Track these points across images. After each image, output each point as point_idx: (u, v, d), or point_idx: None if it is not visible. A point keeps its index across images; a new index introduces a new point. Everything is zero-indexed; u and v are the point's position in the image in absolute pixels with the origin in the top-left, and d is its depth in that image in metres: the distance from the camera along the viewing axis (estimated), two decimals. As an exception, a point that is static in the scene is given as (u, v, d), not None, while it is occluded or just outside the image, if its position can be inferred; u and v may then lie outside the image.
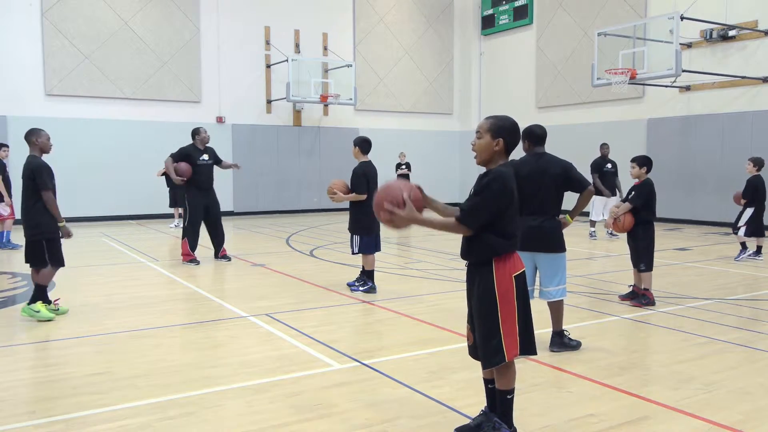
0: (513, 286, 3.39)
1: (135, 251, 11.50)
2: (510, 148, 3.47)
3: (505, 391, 3.49)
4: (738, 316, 6.61)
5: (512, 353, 3.39)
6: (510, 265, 3.40)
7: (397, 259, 10.81)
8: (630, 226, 6.91)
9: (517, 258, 3.46)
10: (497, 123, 3.46)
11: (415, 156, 21.31)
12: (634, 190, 6.95)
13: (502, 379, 3.48)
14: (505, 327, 3.38)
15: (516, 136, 3.49)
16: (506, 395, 3.50)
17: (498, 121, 3.48)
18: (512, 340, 3.39)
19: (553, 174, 5.23)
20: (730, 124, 15.40)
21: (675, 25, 13.51)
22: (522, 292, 3.44)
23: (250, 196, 19.52)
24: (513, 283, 3.39)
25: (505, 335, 3.38)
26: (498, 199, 3.33)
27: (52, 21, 16.64)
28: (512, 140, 3.47)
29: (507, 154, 3.48)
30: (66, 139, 16.77)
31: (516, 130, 3.50)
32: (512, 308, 3.39)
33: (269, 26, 19.63)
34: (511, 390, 3.50)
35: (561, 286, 5.35)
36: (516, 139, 3.50)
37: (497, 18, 21.86)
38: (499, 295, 3.38)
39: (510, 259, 3.41)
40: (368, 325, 6.51)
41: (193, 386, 4.47)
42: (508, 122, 3.49)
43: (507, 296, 3.38)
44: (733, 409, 4.05)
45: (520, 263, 3.46)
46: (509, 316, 3.38)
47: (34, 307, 6.34)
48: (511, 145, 3.47)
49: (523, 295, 3.45)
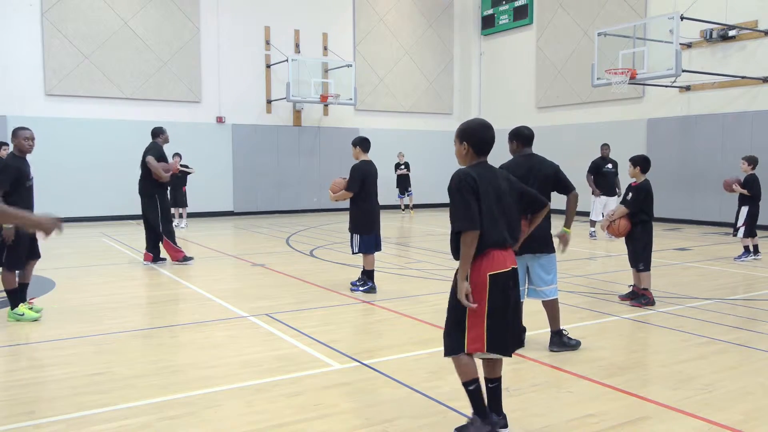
0: (486, 284, 3.39)
1: (135, 251, 11.49)
2: (477, 149, 3.53)
3: (464, 384, 3.52)
4: (738, 316, 6.61)
5: (474, 347, 3.43)
6: (487, 263, 3.41)
7: (397, 259, 10.81)
8: (625, 231, 6.90)
9: (500, 257, 3.43)
10: (461, 128, 3.59)
11: (415, 156, 21.32)
12: (631, 192, 6.94)
13: (457, 372, 3.53)
14: (470, 321, 3.42)
15: (479, 135, 3.53)
16: (466, 387, 3.52)
17: (462, 125, 3.60)
18: (476, 335, 3.41)
19: (545, 174, 5.24)
20: (730, 124, 15.40)
21: (675, 25, 13.52)
22: (499, 291, 3.41)
23: (250, 196, 19.52)
24: (487, 281, 3.39)
25: (469, 329, 3.43)
26: (462, 193, 3.38)
27: (52, 21, 16.64)
28: (477, 140, 3.53)
29: (478, 154, 3.55)
30: (66, 139, 16.81)
31: (478, 130, 3.53)
32: (481, 305, 3.40)
33: (269, 26, 19.63)
34: (470, 381, 3.50)
35: (552, 286, 5.35)
36: (480, 138, 3.53)
37: (497, 18, 21.86)
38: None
39: (488, 258, 3.41)
40: (368, 325, 6.51)
41: (193, 386, 4.47)
42: (471, 124, 3.59)
43: (477, 293, 3.40)
44: (733, 409, 4.05)
45: (504, 263, 3.43)
46: (475, 311, 3.40)
47: (18, 311, 6.34)
48: (477, 145, 3.53)
49: (502, 295, 3.42)
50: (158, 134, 10.32)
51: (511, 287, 3.48)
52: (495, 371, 3.63)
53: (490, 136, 3.56)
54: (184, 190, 15.84)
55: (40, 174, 15.03)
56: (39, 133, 14.44)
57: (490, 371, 3.63)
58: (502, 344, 3.46)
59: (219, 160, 18.88)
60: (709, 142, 15.77)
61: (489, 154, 3.61)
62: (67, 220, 6.84)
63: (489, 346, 3.42)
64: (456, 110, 23.10)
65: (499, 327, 3.42)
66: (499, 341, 3.44)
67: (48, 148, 16.08)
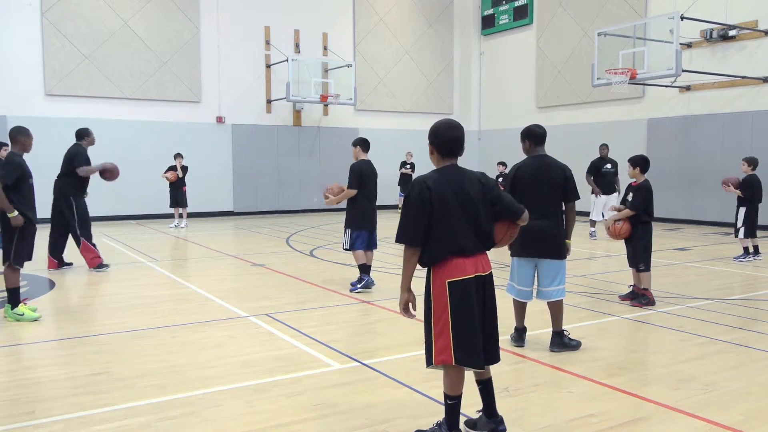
0: (446, 291, 3.32)
1: (135, 251, 11.49)
2: (442, 150, 3.40)
3: (446, 395, 3.42)
4: (738, 316, 6.60)
5: (440, 359, 3.32)
6: (447, 271, 3.33)
7: (397, 259, 10.81)
8: (626, 233, 6.90)
9: (460, 264, 3.32)
10: (430, 128, 3.45)
11: (415, 156, 21.31)
12: (632, 192, 6.94)
13: (444, 381, 3.43)
14: (436, 331, 3.36)
15: (441, 135, 3.40)
16: (447, 399, 3.42)
17: (431, 126, 3.46)
18: (442, 346, 3.32)
19: (555, 178, 5.19)
20: (730, 124, 15.40)
21: (675, 25, 13.51)
22: (461, 298, 3.30)
23: (250, 196, 19.52)
24: (446, 289, 3.32)
25: (436, 339, 3.35)
26: (411, 207, 3.30)
27: (52, 21, 16.64)
28: (439, 141, 3.40)
29: (444, 156, 3.41)
30: (66, 139, 16.66)
31: (441, 130, 3.41)
32: (444, 314, 3.31)
33: (269, 26, 19.63)
34: (452, 396, 3.39)
35: (560, 287, 5.34)
36: (443, 139, 3.40)
37: (497, 18, 21.86)
38: (433, 299, 3.38)
39: (447, 265, 3.33)
40: (368, 325, 6.51)
41: (193, 386, 4.46)
42: (436, 124, 3.46)
43: (440, 301, 3.35)
44: (733, 409, 4.05)
45: (464, 270, 3.32)
46: (440, 321, 3.33)
47: (18, 311, 6.35)
48: (440, 146, 3.40)
49: (465, 302, 3.30)
50: (84, 136, 9.99)
51: (476, 294, 3.34)
52: (482, 373, 3.52)
53: (455, 136, 3.40)
54: (184, 190, 15.83)
55: (40, 174, 15.03)
56: (39, 133, 14.42)
57: (478, 373, 3.53)
58: (473, 355, 3.31)
59: (219, 160, 18.88)
60: (709, 142, 15.77)
61: (458, 156, 3.47)
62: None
63: (457, 358, 3.28)
64: (456, 110, 23.09)
65: (467, 337, 3.30)
66: (469, 354, 3.30)
67: (48, 148, 16.05)
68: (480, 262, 3.40)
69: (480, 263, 3.39)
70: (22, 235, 6.35)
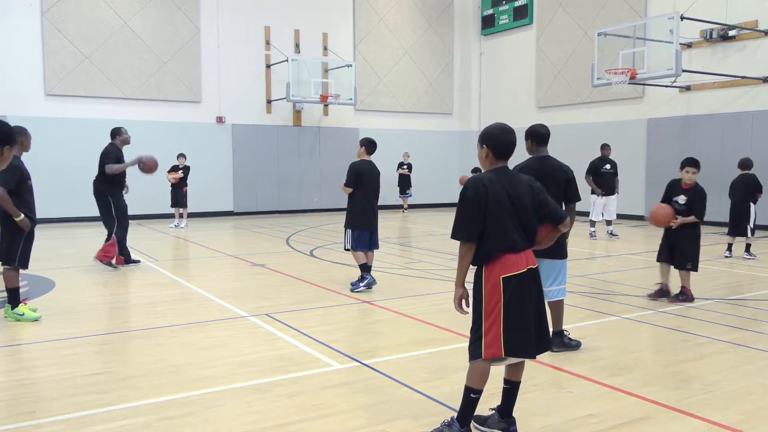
0: (500, 286, 3.42)
1: (135, 251, 11.49)
2: (496, 153, 3.56)
3: (469, 388, 3.50)
4: (738, 316, 6.61)
5: (490, 352, 3.42)
6: (499, 266, 3.44)
7: (397, 259, 10.80)
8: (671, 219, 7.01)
9: (512, 260, 3.45)
10: (482, 132, 3.64)
11: (415, 156, 21.33)
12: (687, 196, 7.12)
13: (470, 375, 3.51)
14: (486, 325, 3.43)
15: (497, 138, 3.56)
16: (470, 393, 3.50)
17: (483, 129, 3.64)
18: (492, 338, 3.41)
19: (557, 181, 5.17)
20: (730, 124, 15.40)
21: (675, 25, 13.52)
22: (514, 293, 3.42)
23: (250, 196, 19.52)
24: (500, 284, 3.42)
25: (486, 333, 3.43)
26: (468, 204, 3.45)
27: (52, 21, 16.64)
28: (495, 144, 3.56)
29: (498, 158, 3.58)
30: (66, 139, 16.80)
31: (497, 134, 3.57)
32: (497, 308, 3.41)
33: (269, 26, 19.63)
34: (475, 390, 3.49)
35: (561, 286, 5.33)
36: (499, 142, 3.56)
37: (497, 18, 21.86)
38: (485, 295, 3.46)
39: (500, 261, 3.44)
40: (368, 325, 6.51)
41: (193, 386, 4.47)
42: (490, 128, 3.63)
43: (492, 297, 3.43)
44: (733, 409, 4.05)
45: (516, 265, 3.45)
46: (491, 315, 3.42)
47: (18, 311, 6.35)
48: (495, 149, 3.56)
49: (518, 296, 3.43)
50: (115, 135, 10.03)
51: (528, 288, 3.48)
52: (516, 374, 3.63)
53: (509, 139, 3.58)
54: (185, 190, 15.84)
55: (41, 174, 15.06)
56: (39, 133, 14.44)
57: (511, 373, 3.63)
58: (523, 346, 3.44)
59: (219, 160, 18.88)
60: (709, 142, 15.76)
61: (509, 157, 3.62)
62: (67, 220, 6.85)
63: (507, 350, 3.40)
64: (456, 110, 23.10)
65: (518, 329, 3.41)
66: (518, 344, 3.42)
67: (48, 148, 16.08)
68: (528, 258, 3.54)
69: (528, 259, 3.54)
70: (26, 237, 6.36)
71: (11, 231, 6.26)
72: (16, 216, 6.16)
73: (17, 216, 6.16)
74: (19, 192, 6.26)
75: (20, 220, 6.19)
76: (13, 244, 6.28)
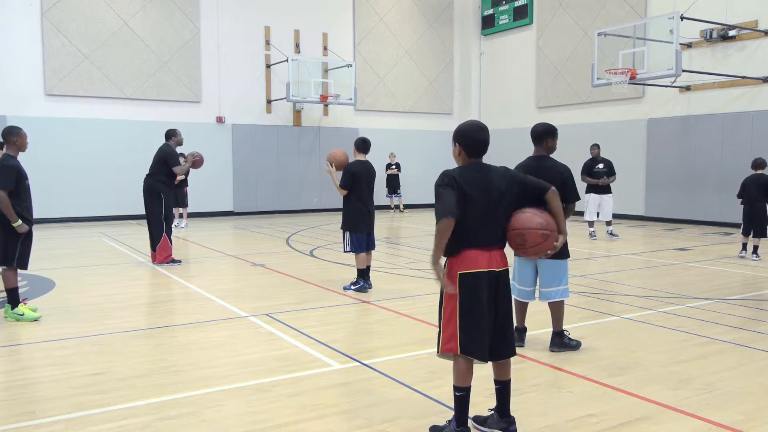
0: (456, 283, 3.41)
1: (135, 251, 11.49)
2: (468, 150, 3.55)
3: (454, 386, 3.51)
4: (738, 316, 6.61)
5: (447, 347, 3.43)
6: (459, 262, 3.43)
7: (396, 259, 10.81)
8: None
9: (474, 257, 3.42)
10: (456, 129, 3.62)
11: (415, 156, 21.34)
12: None
13: (453, 373, 3.51)
14: (444, 320, 3.46)
15: (469, 136, 3.54)
16: (454, 391, 3.51)
17: (457, 127, 3.63)
18: (449, 335, 3.42)
19: (554, 179, 5.16)
20: (730, 124, 15.40)
21: (675, 25, 13.51)
22: (471, 291, 3.39)
23: (250, 196, 19.52)
24: (457, 280, 3.41)
25: (444, 328, 3.46)
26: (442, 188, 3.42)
27: (52, 21, 16.64)
28: (467, 142, 3.54)
29: (469, 155, 3.55)
30: (66, 139, 16.81)
31: (469, 132, 3.55)
32: (453, 304, 3.41)
33: (269, 26, 19.64)
34: (458, 388, 3.48)
35: (563, 287, 5.32)
36: (472, 140, 3.54)
37: (497, 18, 21.86)
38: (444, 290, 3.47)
39: (460, 256, 3.43)
40: (368, 325, 6.51)
41: (193, 386, 4.47)
42: (463, 125, 3.62)
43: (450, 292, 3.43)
44: (733, 409, 4.05)
45: (476, 263, 3.42)
46: (448, 310, 3.43)
47: (18, 311, 6.35)
48: (467, 146, 3.54)
49: (474, 295, 3.39)
50: (171, 136, 10.27)
51: (487, 289, 3.42)
52: (503, 373, 3.61)
53: (481, 137, 3.54)
54: (185, 190, 15.83)
55: (40, 174, 15.11)
56: (39, 133, 14.40)
57: (499, 372, 3.62)
58: (478, 348, 3.40)
59: (219, 160, 18.87)
60: (709, 142, 15.76)
61: (483, 155, 3.60)
62: (67, 220, 6.85)
63: (462, 348, 3.38)
64: (456, 110, 23.10)
65: (473, 329, 3.38)
66: (474, 344, 3.39)
67: (48, 148, 16.10)
68: (494, 258, 3.49)
69: (494, 259, 3.49)
70: (24, 237, 6.36)
71: (7, 232, 6.26)
72: (14, 221, 6.17)
73: (15, 221, 6.17)
74: (17, 192, 6.27)
75: (17, 225, 6.20)
76: (10, 245, 6.28)
